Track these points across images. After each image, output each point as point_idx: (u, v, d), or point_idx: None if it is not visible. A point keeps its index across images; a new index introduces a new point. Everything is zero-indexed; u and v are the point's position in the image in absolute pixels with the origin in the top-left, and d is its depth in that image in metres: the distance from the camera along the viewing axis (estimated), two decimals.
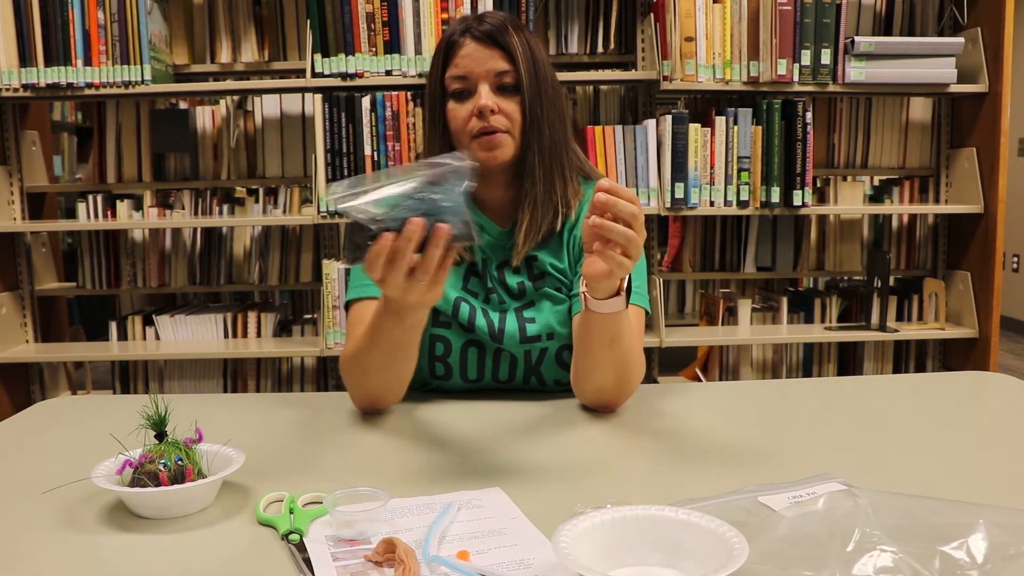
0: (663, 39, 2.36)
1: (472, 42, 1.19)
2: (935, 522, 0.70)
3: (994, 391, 1.33)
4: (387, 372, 1.12)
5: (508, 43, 1.18)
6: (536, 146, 1.21)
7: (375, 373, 1.12)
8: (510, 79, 1.19)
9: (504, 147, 1.19)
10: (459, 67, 1.19)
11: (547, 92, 1.21)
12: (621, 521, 0.69)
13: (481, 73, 1.18)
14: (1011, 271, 5.81)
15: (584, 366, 1.13)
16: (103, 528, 0.80)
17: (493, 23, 1.19)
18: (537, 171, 1.22)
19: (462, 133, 1.20)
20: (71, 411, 1.28)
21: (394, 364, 1.10)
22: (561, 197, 1.24)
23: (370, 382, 1.13)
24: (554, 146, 1.23)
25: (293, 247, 2.72)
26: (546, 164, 1.22)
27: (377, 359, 1.09)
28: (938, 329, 2.61)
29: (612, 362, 1.10)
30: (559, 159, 1.24)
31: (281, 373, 2.70)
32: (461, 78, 1.19)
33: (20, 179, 2.63)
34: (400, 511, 0.81)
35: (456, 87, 1.20)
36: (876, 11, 2.58)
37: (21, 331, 2.67)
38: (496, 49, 1.18)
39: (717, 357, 2.72)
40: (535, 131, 1.21)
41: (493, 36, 1.18)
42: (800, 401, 1.28)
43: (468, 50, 1.19)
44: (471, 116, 1.18)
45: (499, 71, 1.18)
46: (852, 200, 2.64)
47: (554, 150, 1.23)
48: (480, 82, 1.18)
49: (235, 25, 2.60)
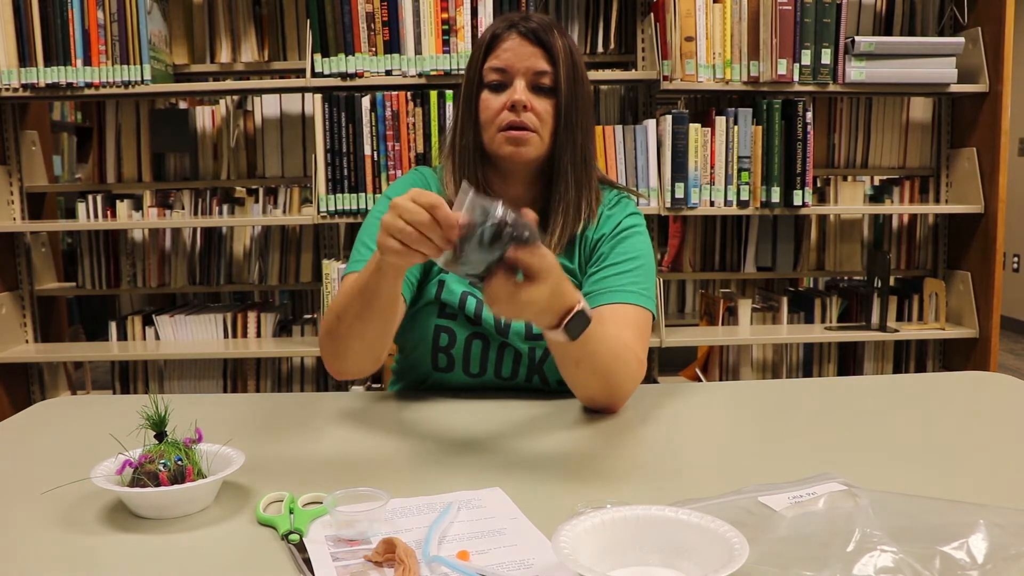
0: (663, 39, 2.36)
1: (517, 37, 1.20)
2: (935, 522, 0.70)
3: (994, 391, 1.33)
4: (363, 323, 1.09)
5: (551, 45, 1.19)
6: (570, 151, 1.22)
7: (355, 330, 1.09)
8: (547, 81, 1.20)
9: (530, 145, 1.20)
10: (499, 59, 1.20)
11: (583, 99, 1.23)
12: (621, 521, 0.69)
13: (520, 69, 1.19)
14: (1011, 271, 5.81)
15: (567, 379, 1.14)
16: (103, 528, 0.79)
17: (539, 23, 1.20)
18: (570, 177, 1.23)
19: (491, 124, 1.20)
20: (71, 411, 1.28)
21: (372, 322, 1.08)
22: (587, 203, 1.26)
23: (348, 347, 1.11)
24: (585, 152, 1.25)
25: (293, 247, 2.72)
26: (579, 170, 1.24)
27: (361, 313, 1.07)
28: (938, 329, 2.61)
29: (585, 376, 1.11)
30: (588, 165, 1.25)
31: (281, 373, 2.70)
32: (500, 70, 1.20)
33: (20, 179, 2.63)
34: (400, 511, 0.81)
35: (493, 78, 1.20)
36: (876, 11, 2.58)
37: (21, 331, 2.67)
38: (539, 48, 1.19)
39: (717, 357, 2.71)
40: (569, 136, 1.22)
41: (538, 35, 1.19)
42: (800, 401, 1.28)
43: (511, 44, 1.20)
44: (503, 108, 1.19)
45: (538, 70, 1.19)
46: (852, 200, 2.64)
47: (585, 156, 1.24)
48: (517, 77, 1.19)
49: (235, 25, 2.60)
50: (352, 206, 2.38)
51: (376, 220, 1.24)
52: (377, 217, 1.25)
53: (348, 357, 1.13)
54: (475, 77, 1.23)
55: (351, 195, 2.37)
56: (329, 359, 1.15)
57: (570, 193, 1.23)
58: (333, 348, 1.13)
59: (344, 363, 1.13)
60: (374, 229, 1.23)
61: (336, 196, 2.37)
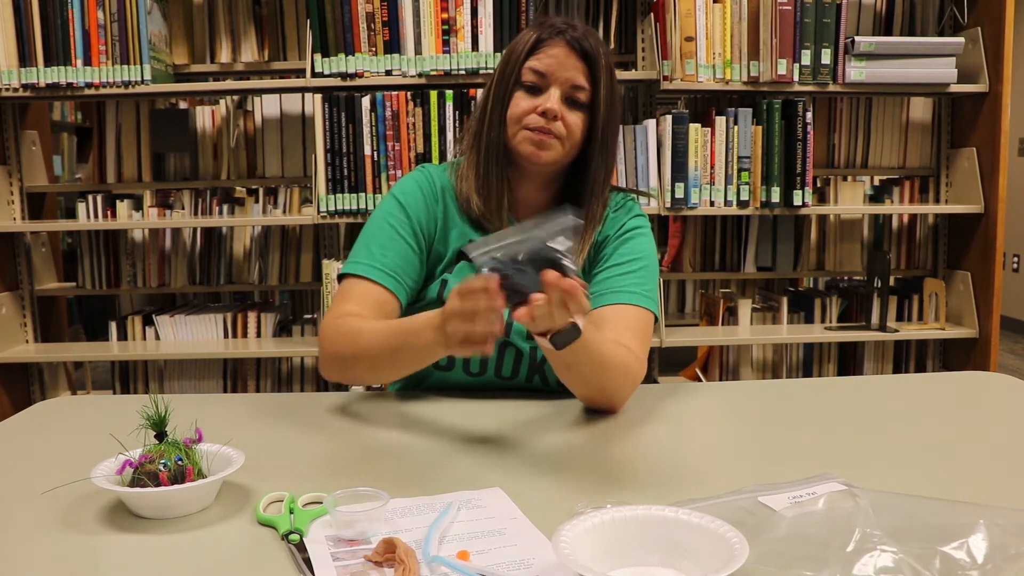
0: (663, 39, 2.36)
1: (564, 46, 1.19)
2: (935, 522, 0.70)
3: (994, 391, 1.33)
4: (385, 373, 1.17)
5: (595, 63, 1.19)
6: (604, 170, 1.24)
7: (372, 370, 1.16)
8: (583, 97, 1.20)
9: (552, 150, 1.20)
10: (541, 63, 1.19)
11: (617, 118, 1.25)
12: (621, 521, 0.69)
13: (559, 78, 1.19)
14: (1011, 271, 5.81)
15: (563, 381, 1.15)
16: (103, 528, 0.79)
17: (587, 37, 1.20)
18: (600, 195, 1.25)
19: (517, 121, 1.20)
20: (71, 411, 1.28)
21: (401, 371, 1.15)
22: (602, 214, 1.27)
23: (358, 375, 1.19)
24: (611, 169, 1.27)
25: (293, 247, 2.72)
26: (606, 188, 1.26)
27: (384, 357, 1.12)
28: (938, 329, 2.61)
29: (580, 380, 1.11)
30: (610, 180, 1.27)
31: (281, 373, 2.70)
32: (539, 73, 1.19)
33: (20, 179, 2.63)
34: (400, 511, 0.81)
35: (530, 79, 1.20)
36: (876, 11, 2.58)
37: (21, 331, 2.67)
38: (582, 63, 1.19)
39: (717, 357, 2.71)
40: (604, 155, 1.23)
41: (585, 50, 1.19)
42: (800, 401, 1.28)
43: (556, 52, 1.19)
44: (533, 111, 1.19)
45: (576, 84, 1.19)
46: (852, 200, 2.64)
47: (610, 173, 1.27)
48: (554, 85, 1.19)
49: (235, 25, 2.60)
50: (352, 206, 2.38)
51: (381, 221, 1.25)
52: (382, 218, 1.25)
53: (358, 382, 1.21)
54: (513, 73, 1.21)
55: (351, 195, 2.37)
56: (332, 377, 1.19)
57: (599, 210, 1.26)
58: (342, 374, 1.19)
59: (350, 382, 1.21)
60: (379, 231, 1.24)
61: (336, 196, 2.37)
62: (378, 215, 1.26)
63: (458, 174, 1.28)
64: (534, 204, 1.28)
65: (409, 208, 1.25)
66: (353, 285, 1.21)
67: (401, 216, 1.24)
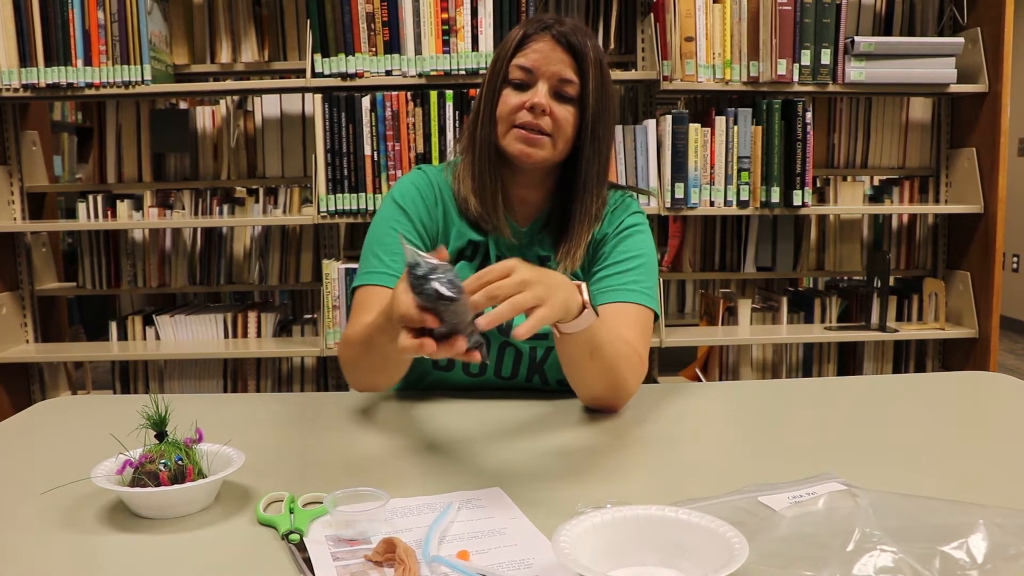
0: (663, 39, 2.36)
1: (550, 40, 1.19)
2: (935, 522, 0.70)
3: (994, 391, 1.33)
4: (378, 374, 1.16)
5: (583, 55, 1.18)
6: (596, 164, 1.23)
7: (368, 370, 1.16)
8: (571, 90, 1.19)
9: (542, 149, 1.19)
10: (527, 59, 1.19)
11: (609, 111, 1.23)
12: (621, 521, 0.69)
13: (546, 72, 1.18)
14: (1011, 271, 5.81)
15: (573, 378, 1.14)
16: (103, 528, 0.80)
17: (575, 31, 1.19)
18: (594, 190, 1.24)
19: (505, 119, 1.20)
20: (71, 411, 1.28)
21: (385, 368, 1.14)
22: (598, 212, 1.26)
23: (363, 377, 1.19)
24: (605, 164, 1.25)
25: (293, 247, 2.72)
26: (601, 184, 1.25)
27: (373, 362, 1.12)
28: (938, 329, 2.61)
29: (597, 371, 1.10)
30: (605, 176, 1.26)
31: (281, 373, 2.70)
32: (526, 70, 1.19)
33: (20, 179, 2.63)
34: (400, 511, 0.81)
35: (518, 76, 1.20)
36: (876, 11, 2.58)
37: (21, 331, 2.67)
38: (568, 56, 1.18)
39: (717, 357, 2.71)
40: (595, 148, 1.22)
41: (571, 44, 1.18)
42: (800, 401, 1.28)
43: (541, 46, 1.19)
44: (521, 107, 1.18)
45: (563, 78, 1.18)
46: (852, 200, 2.64)
47: (604, 169, 1.25)
48: (542, 80, 1.18)
49: (235, 25, 2.60)
50: (352, 206, 2.38)
51: (382, 226, 1.25)
52: (383, 222, 1.25)
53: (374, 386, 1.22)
54: (500, 71, 1.21)
55: (351, 195, 2.37)
56: (356, 386, 1.22)
57: (593, 206, 1.24)
58: (359, 382, 1.21)
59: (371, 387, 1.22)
60: (382, 236, 1.24)
61: (336, 196, 2.37)
62: (380, 221, 1.26)
63: (455, 175, 1.28)
64: (530, 202, 1.28)
65: (410, 210, 1.25)
66: (368, 294, 1.20)
67: (403, 219, 1.24)
